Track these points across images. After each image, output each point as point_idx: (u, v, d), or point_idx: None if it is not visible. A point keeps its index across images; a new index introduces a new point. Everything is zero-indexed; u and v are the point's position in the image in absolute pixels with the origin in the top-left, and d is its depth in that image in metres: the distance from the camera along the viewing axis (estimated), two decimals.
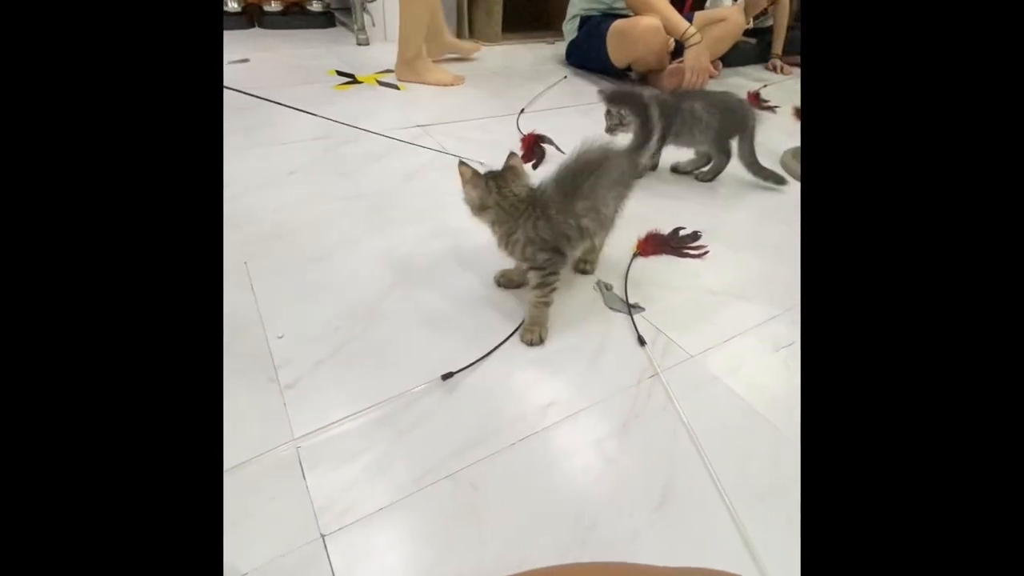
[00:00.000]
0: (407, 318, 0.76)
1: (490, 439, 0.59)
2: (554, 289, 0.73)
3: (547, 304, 0.73)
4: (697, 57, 1.68)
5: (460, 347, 0.71)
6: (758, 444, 0.61)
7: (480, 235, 0.78)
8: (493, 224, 0.72)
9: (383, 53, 2.11)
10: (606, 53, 1.87)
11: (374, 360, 0.68)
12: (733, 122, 1.17)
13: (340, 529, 0.50)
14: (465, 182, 0.70)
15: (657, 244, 0.97)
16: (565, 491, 0.54)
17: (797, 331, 0.79)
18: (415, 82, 1.76)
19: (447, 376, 0.66)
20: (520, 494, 0.54)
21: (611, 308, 0.81)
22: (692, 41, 1.68)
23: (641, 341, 0.74)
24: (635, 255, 0.93)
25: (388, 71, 1.86)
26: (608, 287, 0.85)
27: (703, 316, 0.80)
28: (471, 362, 0.68)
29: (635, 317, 0.79)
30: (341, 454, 0.56)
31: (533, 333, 0.72)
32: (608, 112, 1.14)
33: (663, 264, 0.93)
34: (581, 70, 2.06)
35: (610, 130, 1.15)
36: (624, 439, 0.60)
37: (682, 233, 1.01)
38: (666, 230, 1.00)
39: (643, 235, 0.97)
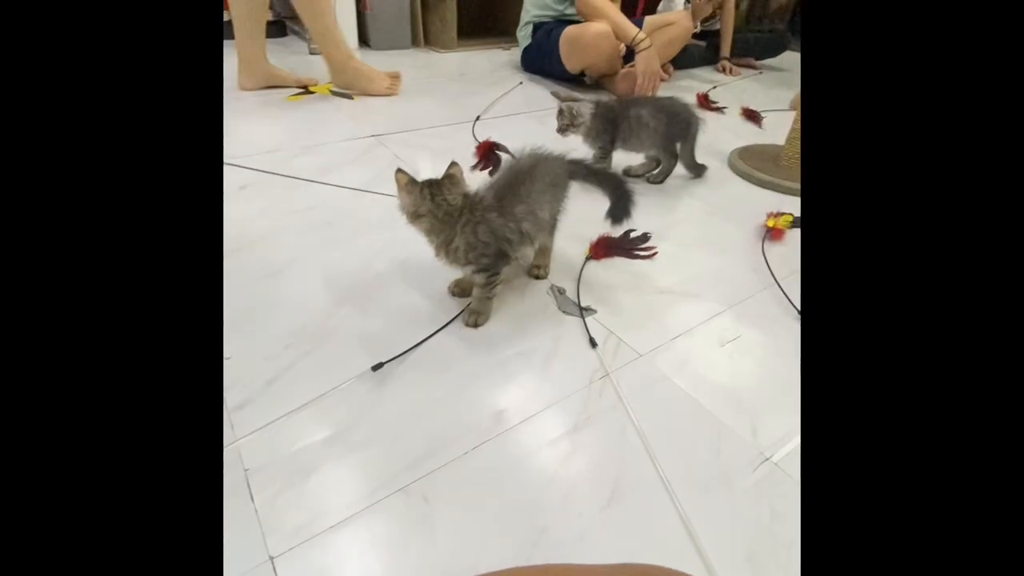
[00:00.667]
0: (359, 333, 0.75)
1: (442, 449, 0.59)
2: (497, 284, 0.78)
3: (491, 297, 0.79)
4: (648, 62, 1.73)
5: (418, 352, 0.71)
6: (701, 437, 0.63)
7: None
8: (428, 233, 0.73)
9: None
10: (559, 59, 1.91)
11: (326, 378, 0.68)
12: (678, 127, 1.21)
13: (290, 550, 0.49)
14: (400, 188, 0.71)
15: (608, 247, 0.99)
16: (517, 496, 0.55)
17: (741, 326, 0.82)
18: (359, 94, 1.73)
19: (377, 367, 0.68)
20: (472, 502, 0.54)
21: (564, 312, 0.82)
22: (642, 46, 1.73)
23: (592, 343, 0.76)
24: (587, 258, 0.95)
25: None
26: (561, 291, 0.86)
27: (652, 315, 0.83)
28: (401, 352, 0.69)
29: (587, 319, 0.81)
30: (291, 473, 0.56)
31: (478, 316, 0.78)
32: (560, 112, 1.17)
33: (615, 266, 0.95)
34: (536, 76, 2.09)
35: (561, 130, 1.17)
36: (576, 441, 0.62)
37: (632, 235, 1.04)
38: (617, 233, 1.03)
39: (595, 239, 0.99)
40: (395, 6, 2.32)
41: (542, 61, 2.01)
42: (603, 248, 0.98)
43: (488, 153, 1.32)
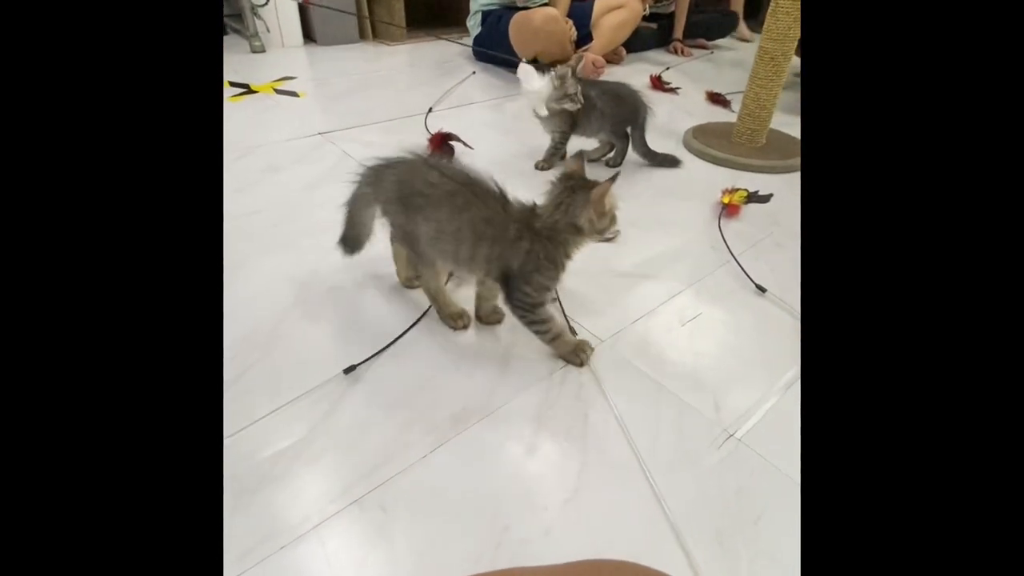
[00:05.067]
0: (307, 340, 0.72)
1: (399, 455, 0.57)
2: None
3: (548, 331, 0.68)
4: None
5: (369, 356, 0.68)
6: (665, 418, 0.63)
7: (383, 244, 0.76)
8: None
9: (280, 59, 2.00)
10: (511, 46, 1.88)
11: (273, 388, 0.64)
12: (626, 109, 1.20)
13: (243, 574, 0.46)
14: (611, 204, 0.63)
15: None
16: (479, 496, 0.53)
17: (701, 303, 0.82)
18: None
19: (349, 369, 0.66)
20: (432, 508, 0.52)
21: None
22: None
23: (571, 332, 0.74)
24: None
25: (286, 78, 1.77)
26: None
27: (612, 300, 0.82)
28: (370, 355, 0.66)
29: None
30: (239, 493, 0.52)
31: (573, 352, 0.68)
32: (564, 76, 1.12)
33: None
34: (490, 64, 2.05)
35: (561, 99, 1.13)
36: (537, 433, 0.60)
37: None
38: None
39: None
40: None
41: (494, 49, 1.97)
42: None
43: (441, 144, 1.29)
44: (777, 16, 1.20)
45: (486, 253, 0.63)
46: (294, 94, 1.65)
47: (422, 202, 0.64)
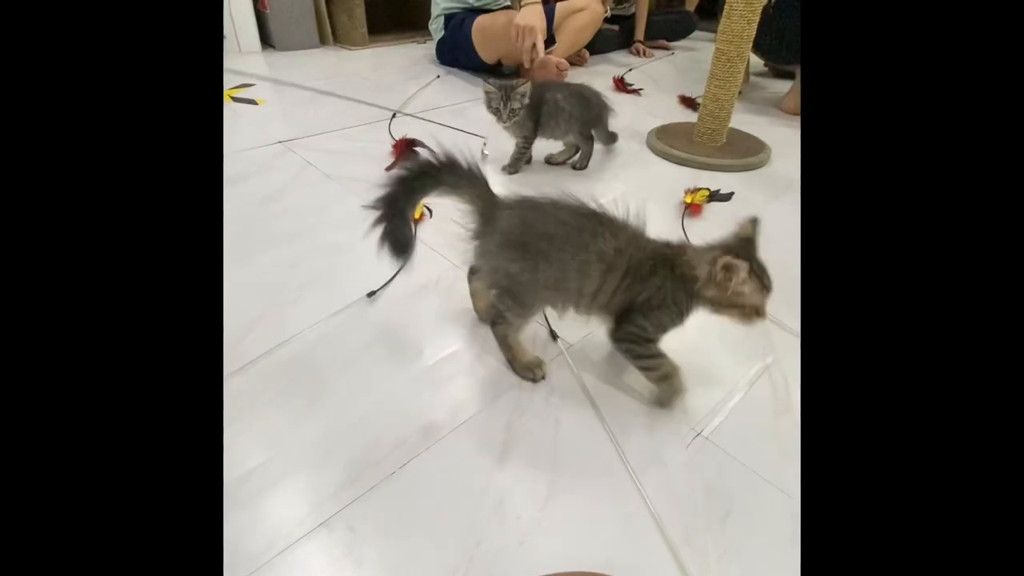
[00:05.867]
0: (273, 358, 0.70)
1: (367, 472, 0.55)
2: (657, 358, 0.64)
3: (659, 369, 0.64)
4: (526, 17, 1.65)
5: (334, 374, 0.66)
6: (635, 421, 0.63)
7: (349, 255, 0.74)
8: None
9: (237, 66, 1.95)
10: (474, 50, 1.87)
11: (238, 407, 0.62)
12: (593, 113, 1.21)
13: None
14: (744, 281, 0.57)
15: None
16: (450, 511, 0.53)
17: None
18: None
19: (371, 294, 0.62)
20: (403, 525, 0.51)
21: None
22: (526, 1, 1.68)
23: (553, 335, 0.75)
24: None
25: (244, 85, 1.73)
26: None
27: None
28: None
29: None
30: None
31: (671, 393, 0.64)
32: (515, 95, 1.12)
33: None
34: (454, 68, 2.04)
35: (511, 115, 1.13)
36: (509, 443, 0.60)
37: None
38: None
39: None
40: (297, 3, 2.19)
41: (457, 53, 1.96)
42: None
43: (405, 151, 1.28)
44: (731, 18, 1.23)
45: (615, 286, 0.60)
46: (252, 101, 1.60)
47: (546, 246, 0.59)
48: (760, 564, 0.49)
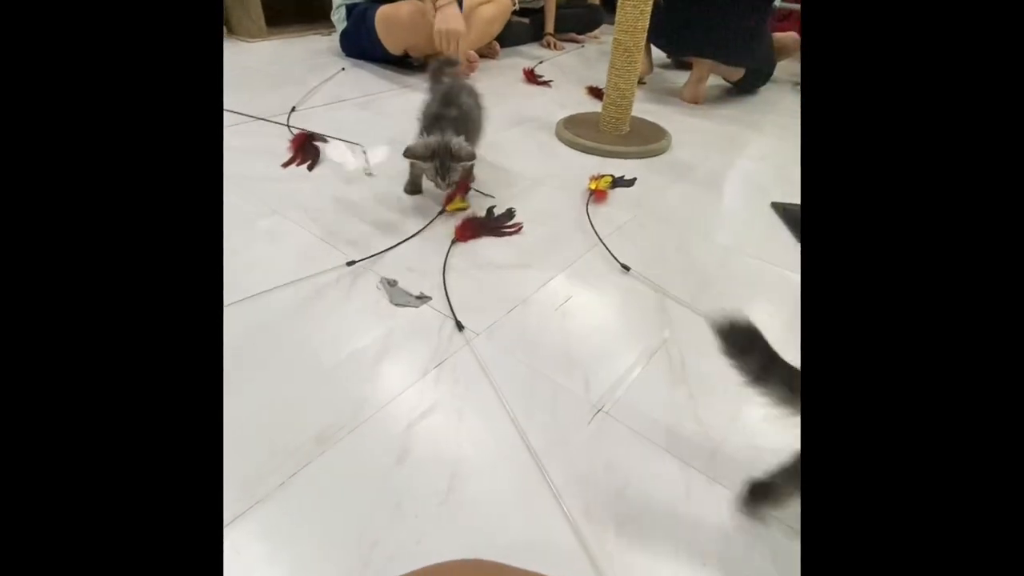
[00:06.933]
0: None
1: (253, 488, 0.51)
2: None
3: None
4: (446, 20, 1.63)
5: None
6: (540, 403, 0.63)
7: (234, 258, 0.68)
8: None
9: None
10: (379, 41, 1.81)
11: None
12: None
13: None
14: None
15: (475, 228, 0.96)
16: (345, 516, 0.50)
17: (572, 287, 0.84)
18: None
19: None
20: (292, 538, 0.48)
21: (397, 304, 0.78)
22: (441, 2, 1.64)
23: (459, 326, 0.74)
24: (453, 242, 0.92)
25: None
26: (392, 283, 0.81)
27: (488, 293, 0.82)
28: None
29: (424, 307, 0.77)
30: None
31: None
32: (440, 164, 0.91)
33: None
34: (359, 60, 1.97)
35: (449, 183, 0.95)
36: (409, 439, 0.58)
37: (497, 213, 1.02)
38: (481, 212, 1.01)
39: (460, 222, 0.96)
40: None
41: (362, 44, 1.89)
42: (469, 230, 0.96)
43: (304, 146, 1.21)
44: (625, 9, 1.27)
45: None
46: None
47: None
48: (655, 528, 0.51)
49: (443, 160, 0.90)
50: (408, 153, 0.91)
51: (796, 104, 1.89)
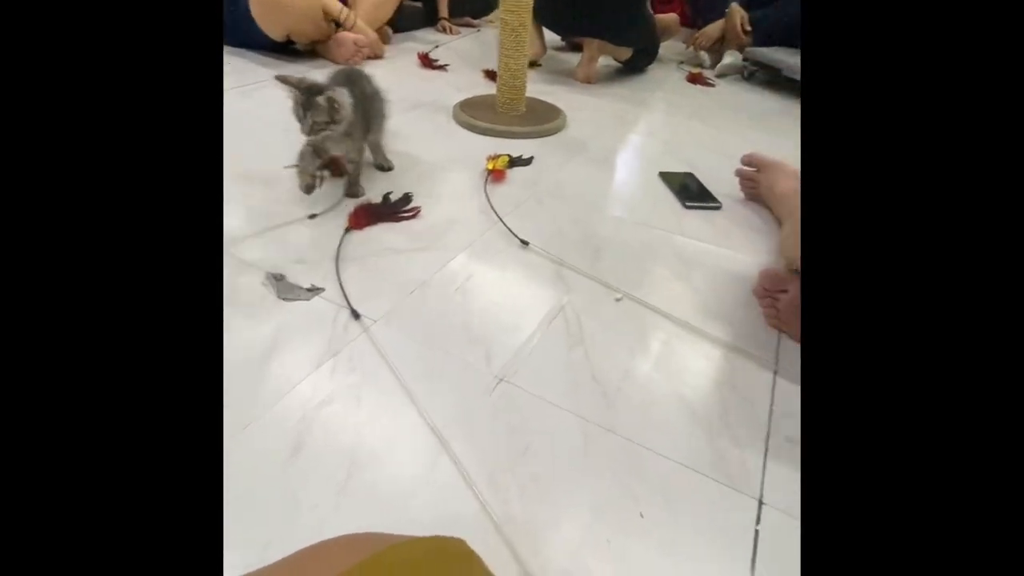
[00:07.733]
0: None
1: None
2: None
3: None
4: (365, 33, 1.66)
5: None
6: (443, 382, 0.63)
7: None
8: None
9: None
10: (257, 26, 1.69)
11: None
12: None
13: None
14: None
15: (370, 215, 0.93)
16: (237, 516, 0.47)
17: (472, 266, 0.85)
18: None
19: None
20: None
21: (285, 299, 0.74)
22: (349, 23, 1.68)
23: (355, 314, 0.71)
24: (347, 230, 0.88)
25: None
26: (279, 277, 0.77)
27: (387, 278, 0.80)
28: None
29: (317, 298, 0.74)
30: None
31: None
32: (313, 105, 0.83)
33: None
34: (239, 48, 1.82)
35: (316, 130, 0.85)
36: (303, 432, 0.56)
37: (393, 198, 0.99)
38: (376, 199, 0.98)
39: (352, 209, 0.92)
40: None
41: (239, 30, 1.75)
42: (364, 217, 0.92)
43: None
44: None
45: None
46: None
47: None
48: (557, 484, 0.53)
49: (307, 95, 0.82)
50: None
51: (682, 82, 2.01)
